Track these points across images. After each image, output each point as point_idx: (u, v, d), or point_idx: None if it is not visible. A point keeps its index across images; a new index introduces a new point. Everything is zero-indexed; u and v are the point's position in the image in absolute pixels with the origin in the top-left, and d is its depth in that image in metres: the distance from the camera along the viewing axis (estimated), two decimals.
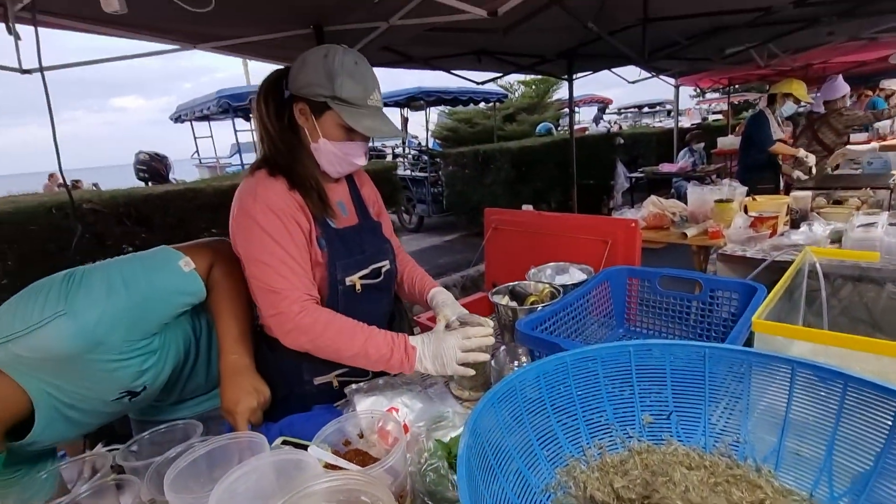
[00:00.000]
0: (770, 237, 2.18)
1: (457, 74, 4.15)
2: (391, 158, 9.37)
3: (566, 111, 10.02)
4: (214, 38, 2.26)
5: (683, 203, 2.96)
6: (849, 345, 0.76)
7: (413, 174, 7.74)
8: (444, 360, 0.98)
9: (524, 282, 1.37)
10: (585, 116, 17.08)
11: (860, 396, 0.56)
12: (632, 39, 3.34)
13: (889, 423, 0.54)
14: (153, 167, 4.28)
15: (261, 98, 1.10)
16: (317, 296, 1.07)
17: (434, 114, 11.26)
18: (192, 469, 0.73)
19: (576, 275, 1.45)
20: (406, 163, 8.43)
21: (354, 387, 1.08)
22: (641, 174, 6.97)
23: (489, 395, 0.60)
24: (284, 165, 1.08)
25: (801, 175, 3.46)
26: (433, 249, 6.56)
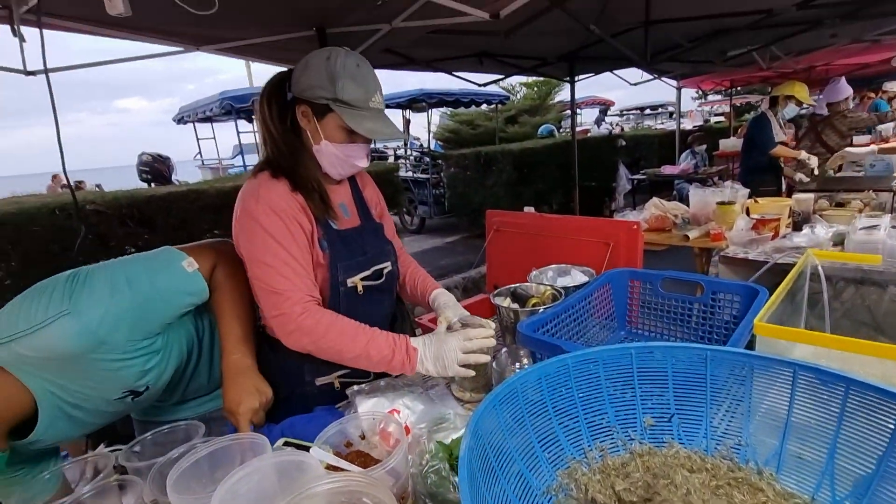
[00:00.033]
0: (772, 239, 2.18)
1: (459, 76, 4.16)
2: (393, 160, 9.38)
3: (568, 113, 10.04)
4: (218, 40, 2.27)
5: (685, 205, 2.96)
6: (851, 348, 0.76)
7: (415, 176, 7.75)
8: (446, 362, 0.99)
9: (526, 284, 1.37)
10: (587, 118, 17.10)
11: (862, 400, 0.56)
12: (634, 42, 3.35)
13: (891, 427, 0.54)
14: (156, 168, 4.29)
15: (264, 100, 1.11)
16: (319, 297, 1.07)
17: (436, 115, 11.29)
18: (195, 470, 0.74)
19: (577, 277, 1.45)
20: (408, 164, 8.43)
21: (356, 388, 1.08)
22: (643, 176, 6.97)
23: (491, 397, 0.60)
24: (287, 167, 1.08)
25: (804, 177, 3.45)
26: (435, 251, 6.56)
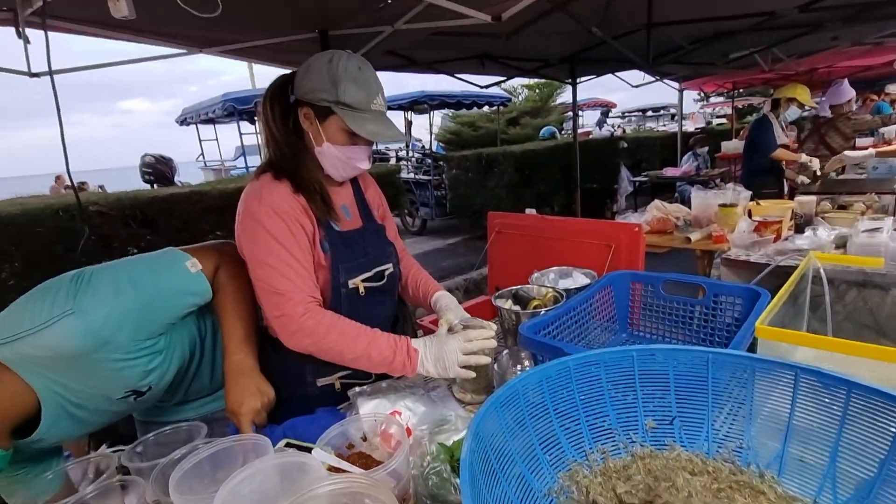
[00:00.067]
0: (774, 242, 2.17)
1: (460, 78, 4.16)
2: (395, 161, 9.39)
3: (570, 115, 10.04)
4: (221, 43, 2.28)
5: (687, 207, 2.95)
6: (852, 351, 0.75)
7: (416, 177, 7.75)
8: (446, 363, 0.99)
9: (527, 286, 1.37)
10: (589, 120, 17.08)
11: (864, 403, 0.56)
12: (636, 44, 3.35)
13: (893, 430, 0.54)
14: (159, 170, 4.30)
15: (267, 102, 1.11)
16: (320, 298, 1.08)
17: (437, 117, 11.31)
18: (197, 470, 0.74)
19: (579, 279, 1.45)
20: (409, 166, 8.43)
21: (357, 390, 1.08)
22: (645, 178, 6.95)
23: (492, 399, 0.60)
24: (289, 169, 1.09)
25: (805, 179, 3.44)
26: (436, 252, 6.56)
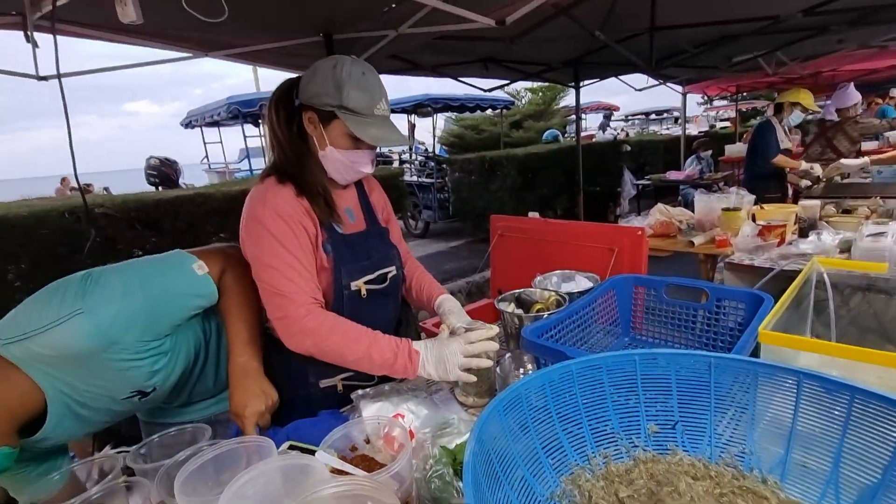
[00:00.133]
0: (778, 246, 2.16)
1: (464, 82, 4.17)
2: (398, 164, 9.40)
3: (573, 118, 10.05)
4: (226, 46, 2.29)
5: (690, 211, 2.95)
6: (855, 356, 0.75)
7: (419, 180, 7.77)
8: (447, 366, 0.99)
9: (530, 289, 1.38)
10: (592, 123, 17.07)
11: (867, 408, 0.56)
12: (639, 47, 3.36)
13: None
14: (163, 172, 4.32)
15: (272, 106, 1.13)
16: (322, 300, 1.08)
17: (441, 120, 11.33)
18: (201, 472, 0.75)
19: (582, 283, 1.45)
20: (412, 169, 8.45)
21: (360, 392, 1.09)
22: (648, 181, 6.94)
23: (495, 403, 0.60)
24: (293, 172, 1.10)
25: (808, 183, 3.43)
26: (439, 255, 6.57)
